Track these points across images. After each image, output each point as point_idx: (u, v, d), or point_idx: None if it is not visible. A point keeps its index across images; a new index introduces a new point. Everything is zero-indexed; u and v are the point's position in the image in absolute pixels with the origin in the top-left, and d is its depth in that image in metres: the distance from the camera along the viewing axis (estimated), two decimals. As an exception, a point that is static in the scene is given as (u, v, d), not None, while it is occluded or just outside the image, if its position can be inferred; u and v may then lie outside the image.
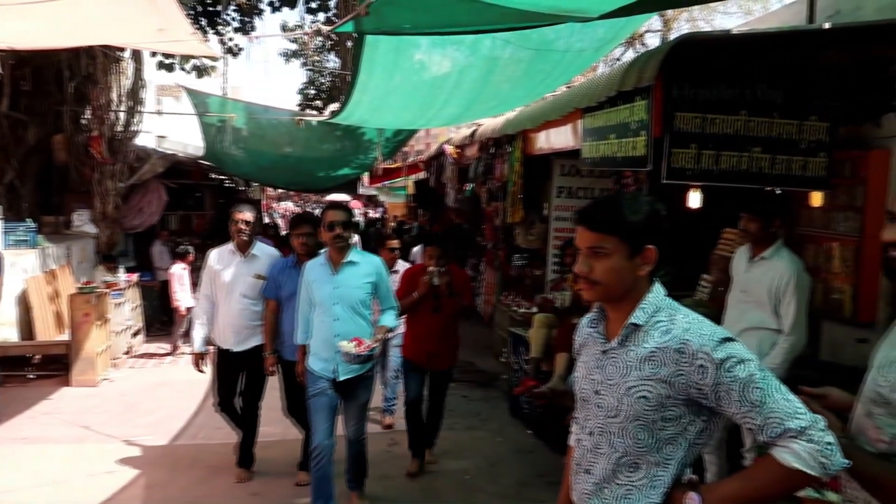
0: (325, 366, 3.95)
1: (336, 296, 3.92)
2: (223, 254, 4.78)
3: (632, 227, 1.59)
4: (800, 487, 1.45)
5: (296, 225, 4.63)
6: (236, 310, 4.65)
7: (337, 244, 3.92)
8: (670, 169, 4.73)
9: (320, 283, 3.96)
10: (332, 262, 3.97)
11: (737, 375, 1.46)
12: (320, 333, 3.95)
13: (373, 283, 4.02)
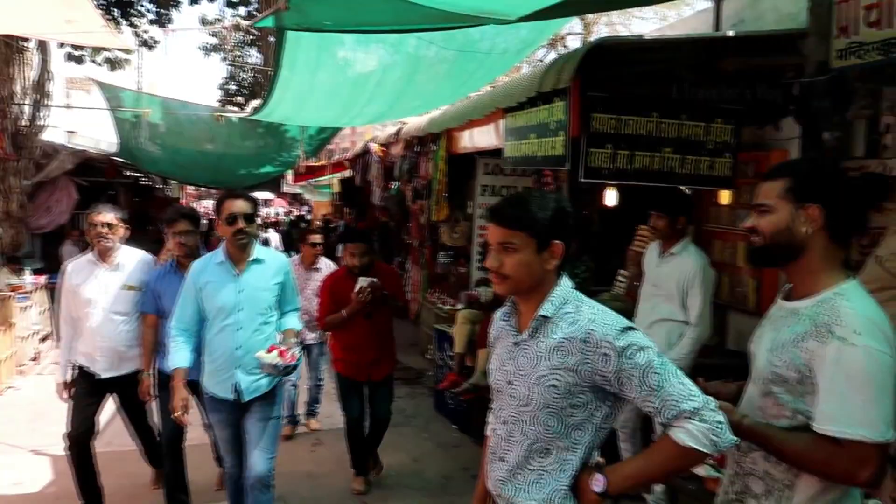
0: (224, 386, 3.35)
1: (241, 301, 3.32)
2: (81, 265, 4.07)
3: (539, 223, 1.65)
4: (695, 463, 1.55)
5: (171, 221, 3.93)
6: (105, 331, 3.94)
7: (239, 240, 3.31)
8: (587, 168, 4.90)
9: (219, 287, 3.33)
10: (234, 261, 3.36)
11: (637, 362, 1.55)
12: (219, 347, 3.34)
13: (281, 285, 3.47)
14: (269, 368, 3.22)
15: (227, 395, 3.36)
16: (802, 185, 1.63)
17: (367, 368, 4.42)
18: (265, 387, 3.39)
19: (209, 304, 3.35)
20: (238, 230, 3.30)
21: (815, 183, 1.63)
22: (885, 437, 1.46)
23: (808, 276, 1.64)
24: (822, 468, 1.53)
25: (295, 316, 3.59)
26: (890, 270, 2.97)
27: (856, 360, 1.47)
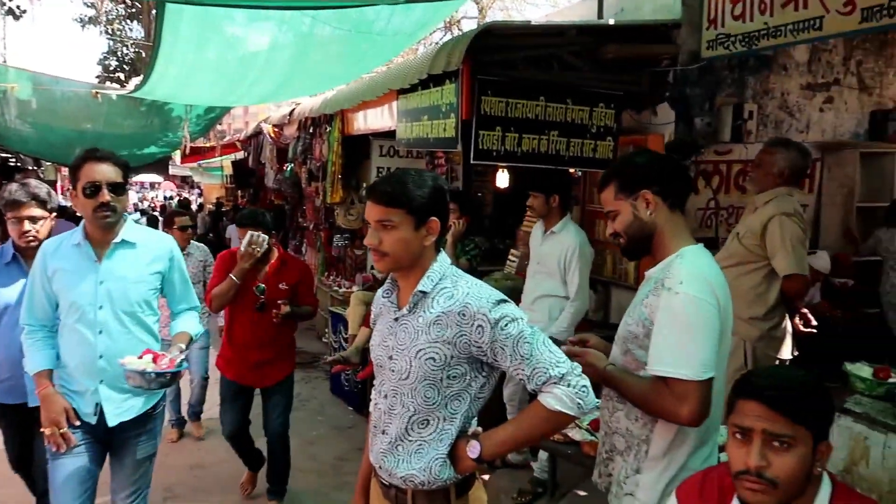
0: (81, 404, 2.56)
1: (102, 295, 2.55)
2: None
3: (417, 201, 1.69)
4: (563, 425, 1.65)
5: (14, 204, 3.00)
6: None
7: (102, 218, 2.52)
8: (478, 150, 5.00)
9: (73, 276, 2.55)
10: (95, 244, 2.59)
11: (509, 333, 1.62)
12: (74, 355, 2.57)
13: (161, 275, 2.70)
14: (136, 378, 2.39)
15: (86, 417, 2.56)
16: (625, 181, 1.83)
17: (256, 371, 3.74)
18: (140, 408, 2.63)
19: (62, 298, 2.59)
20: (101, 204, 2.50)
21: (634, 173, 1.83)
22: (703, 376, 1.62)
23: (661, 248, 1.81)
24: (654, 408, 1.70)
25: (192, 317, 2.85)
26: (746, 246, 3.23)
27: (677, 305, 1.65)
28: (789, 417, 1.33)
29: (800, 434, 1.34)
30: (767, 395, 1.35)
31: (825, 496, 1.39)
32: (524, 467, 3.87)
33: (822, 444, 1.37)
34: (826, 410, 1.37)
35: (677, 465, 1.71)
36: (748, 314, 3.21)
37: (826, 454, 1.38)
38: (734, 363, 3.28)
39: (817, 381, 1.38)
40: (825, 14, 4.03)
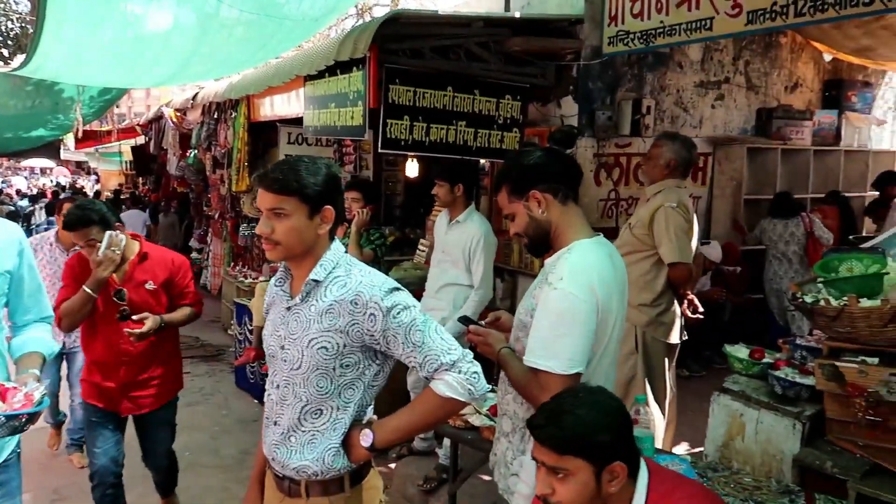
0: None
1: None
2: None
3: (310, 188, 1.66)
4: (455, 411, 1.68)
5: None
6: None
7: None
8: (386, 139, 4.98)
9: None
10: None
11: (402, 321, 1.63)
12: None
13: (9, 275, 2.07)
14: None
15: None
16: (514, 184, 1.88)
17: (122, 395, 3.04)
18: None
19: None
20: None
21: (520, 175, 1.87)
22: (569, 370, 1.68)
23: (559, 242, 1.85)
24: (526, 395, 1.77)
25: (45, 331, 2.19)
26: (636, 236, 3.37)
27: (553, 300, 1.71)
28: (558, 452, 1.47)
29: (574, 465, 1.47)
30: (537, 433, 1.50)
31: (642, 488, 1.53)
32: (430, 454, 3.91)
33: (610, 467, 1.48)
34: (605, 440, 1.47)
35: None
36: (638, 301, 3.36)
37: (619, 473, 1.48)
38: (625, 348, 3.43)
39: (596, 415, 1.48)
40: (715, 15, 4.24)
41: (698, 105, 5.84)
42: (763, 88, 6.19)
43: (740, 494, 2.12)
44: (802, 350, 2.60)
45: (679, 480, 1.61)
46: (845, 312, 2.17)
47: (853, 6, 3.59)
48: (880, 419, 2.17)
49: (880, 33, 5.31)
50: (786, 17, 3.93)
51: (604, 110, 5.34)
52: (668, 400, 3.52)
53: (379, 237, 4.11)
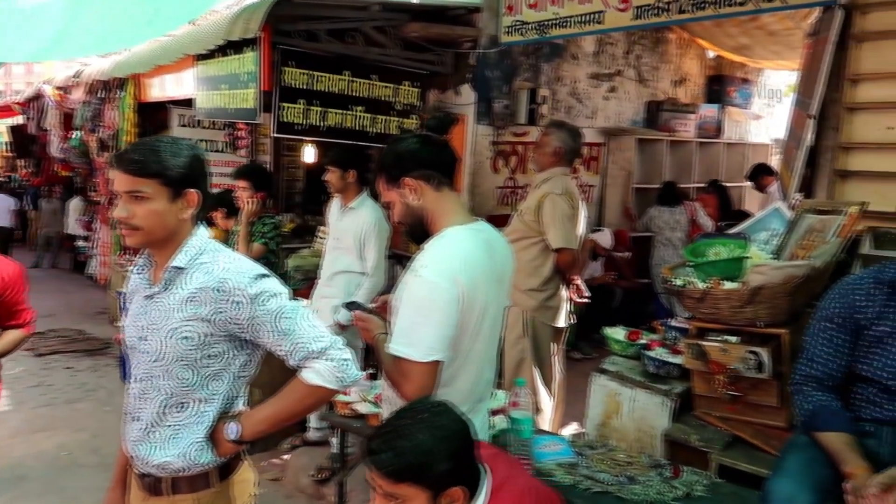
0: None
1: None
2: None
3: (172, 170, 1.57)
4: (325, 400, 1.65)
5: None
6: None
7: None
8: (280, 123, 4.85)
9: None
10: None
11: (269, 308, 1.58)
12: None
13: None
14: None
15: None
16: (388, 172, 1.84)
17: None
18: None
19: None
20: None
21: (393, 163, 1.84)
22: (426, 358, 1.68)
23: (432, 227, 1.84)
24: (392, 381, 1.77)
25: None
26: (525, 222, 3.44)
27: (415, 288, 1.71)
28: (394, 480, 1.42)
29: (411, 492, 1.42)
30: (374, 459, 1.45)
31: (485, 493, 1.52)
32: (324, 444, 3.86)
33: (448, 493, 1.44)
34: (443, 469, 1.42)
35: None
36: (526, 286, 3.44)
37: (458, 498, 1.45)
38: (514, 332, 3.50)
39: (436, 442, 1.43)
40: (605, 9, 4.37)
41: (592, 96, 6.03)
42: (652, 82, 6.46)
43: (614, 470, 2.20)
44: (674, 331, 2.73)
45: (511, 478, 1.59)
46: (709, 294, 2.30)
47: (729, 6, 3.79)
48: (740, 394, 2.32)
49: (755, 33, 5.64)
50: (669, 14, 4.10)
51: (501, 99, 5.41)
52: (556, 382, 3.62)
53: (272, 229, 3.97)
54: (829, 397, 1.93)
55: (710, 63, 6.95)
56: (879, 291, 1.90)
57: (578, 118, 5.91)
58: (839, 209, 2.45)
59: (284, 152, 7.86)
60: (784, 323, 2.29)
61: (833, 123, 3.29)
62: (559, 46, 5.76)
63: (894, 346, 1.88)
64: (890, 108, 3.17)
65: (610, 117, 6.17)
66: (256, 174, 4.06)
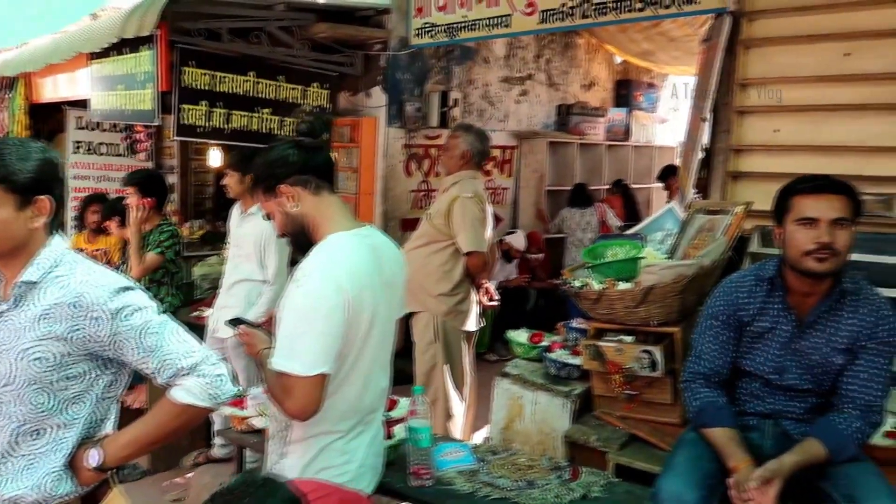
0: None
1: None
2: None
3: (19, 175, 1.44)
4: (198, 419, 1.54)
5: None
6: None
7: None
8: (181, 125, 4.65)
9: None
10: None
11: (132, 324, 1.47)
12: None
13: None
14: None
15: None
16: (264, 182, 1.75)
17: None
18: None
19: None
20: None
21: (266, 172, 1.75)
22: (310, 372, 1.59)
23: (314, 235, 1.75)
24: (274, 398, 1.68)
25: None
26: (435, 226, 3.41)
27: (297, 299, 1.63)
28: None
29: None
30: None
31: None
32: (229, 461, 3.70)
33: None
34: None
35: (318, 446, 1.70)
36: (437, 290, 3.40)
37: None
38: (425, 337, 3.46)
39: None
40: (512, 12, 4.40)
41: (504, 100, 6.07)
42: (563, 86, 6.57)
43: (514, 475, 2.19)
44: (575, 332, 2.75)
45: None
46: (604, 295, 2.32)
47: (629, 11, 3.88)
48: (636, 393, 2.36)
49: (658, 39, 5.83)
50: (574, 19, 4.17)
51: (413, 101, 5.37)
52: (467, 386, 3.60)
53: (169, 237, 3.77)
54: (716, 393, 1.97)
55: (618, 68, 7.15)
56: (760, 288, 1.95)
57: (491, 121, 5.94)
58: (727, 209, 2.53)
59: (193, 156, 7.55)
60: (677, 321, 2.34)
61: (725, 127, 3.41)
62: (470, 49, 5.77)
63: (774, 342, 1.94)
64: (777, 112, 3.32)
65: (522, 120, 6.24)
66: (142, 179, 3.84)
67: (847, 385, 1.88)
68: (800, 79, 3.19)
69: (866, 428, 1.84)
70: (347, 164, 5.50)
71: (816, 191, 1.84)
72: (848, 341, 1.87)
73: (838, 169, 3.06)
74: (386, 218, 5.34)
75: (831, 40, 3.11)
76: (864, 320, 1.87)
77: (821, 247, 1.78)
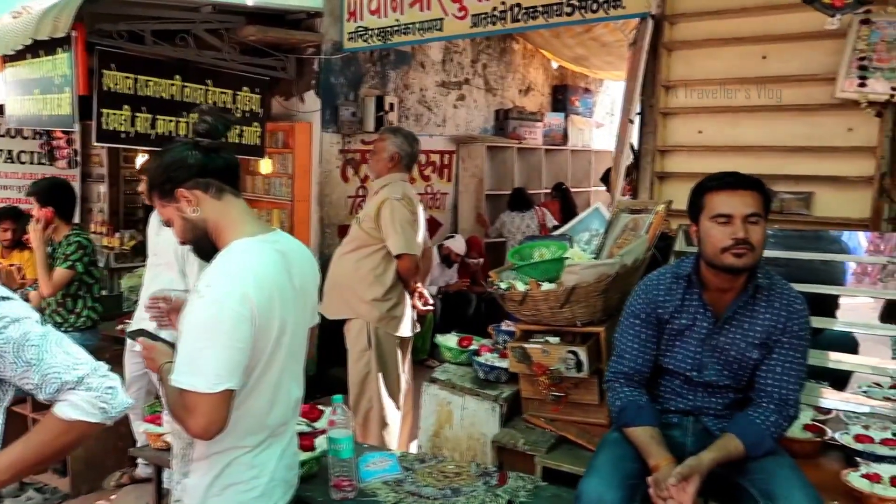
0: None
1: None
2: None
3: None
4: (88, 435, 1.43)
5: None
6: None
7: None
8: (102, 131, 4.46)
9: None
10: None
11: (8, 336, 1.36)
12: None
13: None
14: None
15: None
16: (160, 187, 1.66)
17: None
18: None
19: None
20: None
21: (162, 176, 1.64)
22: (214, 388, 1.48)
23: (218, 241, 1.65)
24: (175, 416, 1.57)
25: None
26: (365, 230, 3.34)
27: (199, 311, 1.52)
28: None
29: None
30: None
31: None
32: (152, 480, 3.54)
33: None
34: None
35: (223, 462, 1.61)
36: (370, 296, 3.33)
37: None
38: (358, 345, 3.39)
39: None
40: (444, 16, 4.38)
41: (441, 104, 6.05)
42: (500, 91, 6.60)
43: (440, 483, 2.13)
44: (504, 335, 2.73)
45: None
46: (529, 296, 2.30)
47: (558, 15, 3.90)
48: (563, 394, 2.33)
49: (590, 44, 5.91)
50: (504, 22, 4.17)
51: (348, 106, 5.30)
52: (402, 393, 3.54)
53: (76, 249, 3.57)
54: (637, 392, 1.97)
55: (555, 73, 7.23)
56: (678, 286, 1.96)
57: (429, 126, 5.91)
58: (649, 208, 2.54)
59: (123, 164, 7.28)
60: (602, 321, 2.33)
61: (651, 128, 3.47)
62: (406, 54, 5.74)
63: (692, 339, 1.95)
64: (700, 113, 3.38)
65: (460, 125, 6.23)
66: (41, 189, 3.63)
67: (763, 379, 1.90)
68: (720, 81, 3.27)
69: (782, 422, 1.86)
70: (282, 170, 5.38)
71: (728, 187, 1.85)
72: (763, 336, 1.89)
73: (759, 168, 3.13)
74: (323, 224, 5.25)
75: (749, 43, 3.19)
76: (778, 315, 1.89)
77: (737, 242, 1.79)
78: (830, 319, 2.75)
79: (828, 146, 3.08)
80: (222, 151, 1.70)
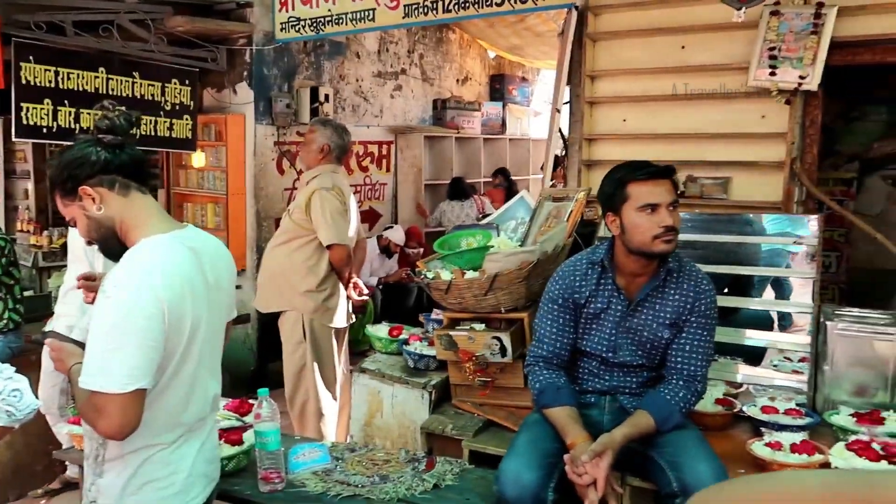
0: None
1: None
2: None
3: None
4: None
5: None
6: None
7: None
8: (21, 125, 4.30)
9: None
10: None
11: None
12: None
13: None
14: None
15: None
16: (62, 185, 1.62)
17: None
18: None
19: None
20: None
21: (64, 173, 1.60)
22: (125, 388, 1.47)
23: (125, 239, 1.62)
24: (85, 418, 1.55)
25: None
26: (296, 221, 3.33)
27: (106, 311, 1.50)
28: None
29: None
30: None
31: None
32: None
33: None
34: None
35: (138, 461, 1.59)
36: (303, 287, 3.32)
37: None
38: (293, 338, 3.38)
39: None
40: (377, 7, 4.37)
41: (378, 95, 6.04)
42: (437, 81, 6.61)
43: (369, 471, 2.16)
44: (434, 323, 2.77)
45: None
46: (454, 285, 2.34)
47: (488, 6, 3.94)
48: (490, 379, 2.39)
49: (524, 34, 5.98)
50: (436, 13, 4.20)
51: (281, 97, 5.23)
52: (339, 384, 3.55)
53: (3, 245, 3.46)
54: (556, 374, 2.03)
55: (492, 62, 7.28)
56: (593, 271, 2.03)
57: (366, 116, 5.89)
58: (570, 196, 2.61)
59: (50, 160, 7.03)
60: (525, 307, 2.39)
61: (578, 117, 3.54)
62: (340, 44, 5.70)
63: (608, 321, 2.02)
64: (623, 102, 3.47)
65: (397, 115, 6.22)
66: None
67: (673, 357, 1.99)
68: (642, 70, 3.36)
69: (690, 397, 1.95)
70: (216, 163, 5.29)
71: (652, 177, 1.93)
72: (673, 316, 1.97)
73: (681, 155, 3.25)
74: (259, 218, 5.18)
75: (668, 34, 3.29)
76: (687, 296, 1.98)
77: (667, 229, 1.87)
78: (744, 298, 2.89)
79: (743, 133, 3.21)
80: (127, 147, 1.67)
